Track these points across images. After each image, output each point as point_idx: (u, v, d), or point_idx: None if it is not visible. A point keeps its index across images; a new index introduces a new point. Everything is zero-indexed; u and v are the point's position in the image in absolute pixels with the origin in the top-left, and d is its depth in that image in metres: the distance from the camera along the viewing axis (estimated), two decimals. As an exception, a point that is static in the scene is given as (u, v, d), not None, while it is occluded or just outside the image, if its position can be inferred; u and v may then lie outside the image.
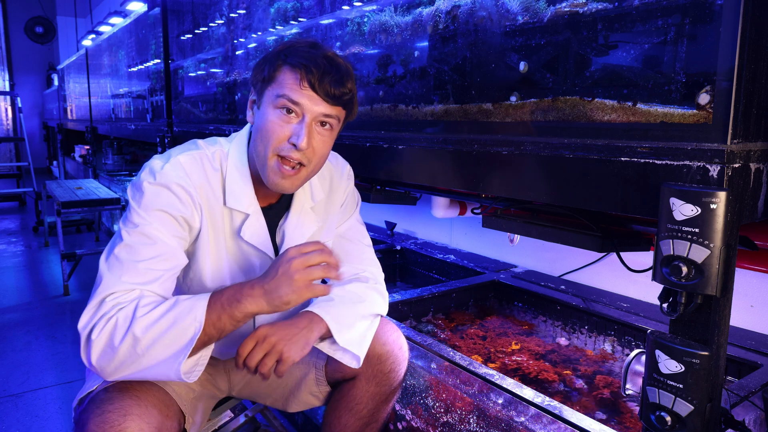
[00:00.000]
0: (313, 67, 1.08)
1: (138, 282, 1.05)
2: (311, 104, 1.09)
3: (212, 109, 2.85)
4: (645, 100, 0.93)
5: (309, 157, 1.12)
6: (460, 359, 1.45)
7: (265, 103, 1.12)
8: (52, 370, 2.63)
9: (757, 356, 1.45)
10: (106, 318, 1.01)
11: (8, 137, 8.55)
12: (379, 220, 3.16)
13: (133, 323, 1.00)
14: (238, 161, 1.19)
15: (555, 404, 1.21)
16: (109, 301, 1.03)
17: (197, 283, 1.20)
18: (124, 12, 5.74)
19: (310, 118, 1.10)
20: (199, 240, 1.16)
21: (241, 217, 1.19)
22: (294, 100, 1.08)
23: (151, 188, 1.09)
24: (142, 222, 1.08)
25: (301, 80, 1.08)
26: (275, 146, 1.10)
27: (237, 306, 1.04)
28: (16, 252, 5.04)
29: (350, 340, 1.19)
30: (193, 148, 1.18)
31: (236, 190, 1.17)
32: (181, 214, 1.11)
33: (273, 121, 1.10)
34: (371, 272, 1.38)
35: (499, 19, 1.20)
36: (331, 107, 1.11)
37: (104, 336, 1.00)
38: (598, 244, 1.35)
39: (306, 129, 1.09)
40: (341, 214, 1.38)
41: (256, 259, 1.23)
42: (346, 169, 1.39)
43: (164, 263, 1.08)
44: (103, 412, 1.00)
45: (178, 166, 1.12)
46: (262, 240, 1.21)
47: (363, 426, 1.31)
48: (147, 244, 1.07)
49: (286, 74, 1.10)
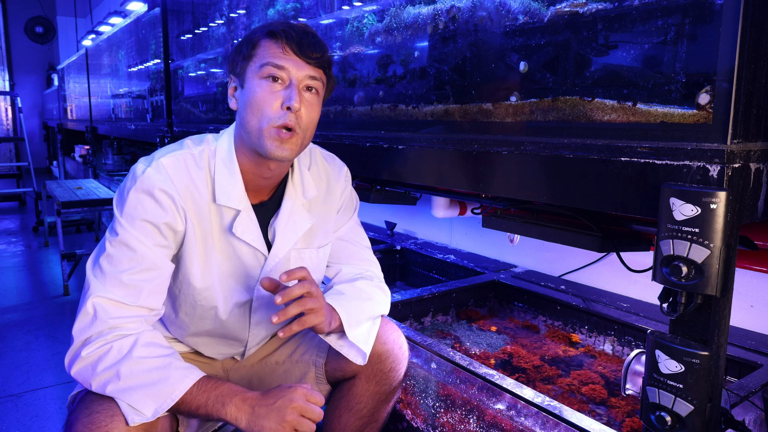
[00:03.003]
0: (292, 32, 1.10)
1: (122, 294, 1.07)
2: (296, 68, 1.10)
3: (212, 109, 2.85)
4: (645, 100, 0.94)
5: (301, 123, 1.12)
6: (460, 359, 1.45)
7: (249, 78, 1.12)
8: (52, 370, 2.63)
9: (757, 356, 1.45)
10: (102, 340, 1.04)
11: (8, 137, 8.55)
12: (379, 220, 3.16)
13: (123, 361, 1.03)
14: (227, 157, 1.18)
15: (555, 404, 1.21)
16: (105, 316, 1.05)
17: (187, 284, 1.19)
18: (124, 12, 5.73)
19: (297, 81, 1.10)
20: (185, 243, 1.16)
21: (231, 213, 1.18)
22: (279, 65, 1.09)
23: (132, 196, 1.10)
24: (124, 232, 1.09)
25: (283, 46, 1.10)
26: (269, 115, 1.10)
27: (220, 408, 1.05)
28: (16, 252, 5.04)
29: (359, 336, 1.21)
30: (178, 148, 1.17)
31: (226, 187, 1.16)
32: (164, 221, 1.11)
33: (261, 91, 1.10)
34: (373, 272, 1.39)
35: (499, 19, 1.20)
36: (315, 69, 1.12)
37: (92, 357, 1.04)
38: (598, 244, 1.35)
39: (296, 90, 1.10)
40: (340, 217, 1.37)
41: (247, 255, 1.21)
42: (344, 170, 1.37)
43: (146, 273, 1.09)
44: (91, 413, 1.01)
45: (161, 169, 1.11)
46: (254, 236, 1.20)
47: (363, 425, 1.31)
48: (129, 256, 1.08)
49: (267, 45, 1.11)
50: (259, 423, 1.03)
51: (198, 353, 1.35)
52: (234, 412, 1.04)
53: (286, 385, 1.07)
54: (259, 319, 1.29)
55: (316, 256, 1.31)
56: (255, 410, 1.04)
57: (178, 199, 1.11)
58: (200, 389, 1.05)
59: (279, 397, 1.04)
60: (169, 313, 1.27)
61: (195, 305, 1.22)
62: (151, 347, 1.06)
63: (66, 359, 1.07)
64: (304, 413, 1.04)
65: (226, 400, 1.05)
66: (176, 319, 1.26)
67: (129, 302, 1.07)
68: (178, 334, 1.31)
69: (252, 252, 1.21)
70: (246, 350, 1.36)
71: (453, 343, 1.85)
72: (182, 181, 1.13)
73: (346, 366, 1.29)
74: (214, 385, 1.06)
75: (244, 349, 1.35)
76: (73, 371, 1.05)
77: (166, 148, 1.18)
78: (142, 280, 1.08)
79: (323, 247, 1.33)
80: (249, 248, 1.21)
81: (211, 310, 1.22)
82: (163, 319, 1.30)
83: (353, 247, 1.40)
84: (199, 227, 1.16)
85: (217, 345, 1.33)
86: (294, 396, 1.04)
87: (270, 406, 1.03)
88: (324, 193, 1.32)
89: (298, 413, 1.03)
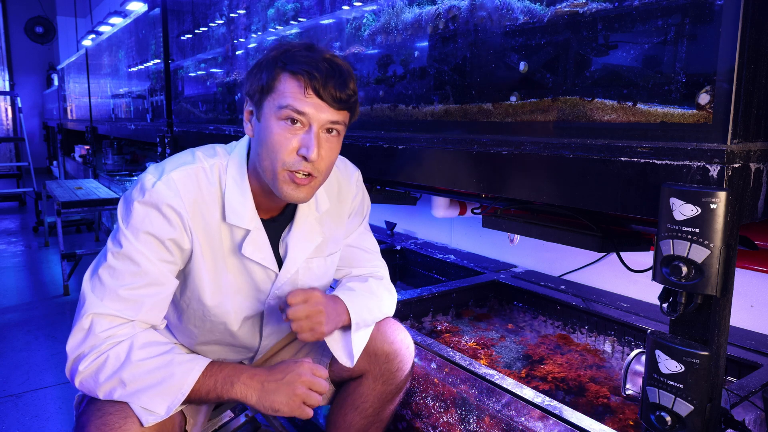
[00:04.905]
0: (316, 72, 1.01)
1: (120, 308, 1.04)
2: (317, 112, 1.03)
3: (212, 109, 2.85)
4: (645, 100, 0.93)
5: (318, 168, 1.06)
6: (460, 359, 1.45)
7: (267, 115, 1.06)
8: (52, 370, 2.63)
9: (757, 356, 1.45)
10: (96, 352, 1.02)
11: (8, 137, 8.55)
12: (379, 220, 3.16)
13: (123, 367, 1.01)
14: (237, 175, 1.13)
15: (555, 404, 1.21)
16: (99, 330, 1.02)
17: (196, 300, 1.17)
18: (124, 12, 5.73)
19: (317, 127, 1.04)
20: (192, 260, 1.12)
21: (241, 233, 1.15)
22: (299, 109, 1.02)
23: (139, 208, 1.05)
24: (128, 244, 1.05)
25: (305, 88, 1.02)
26: (284, 160, 1.04)
27: (229, 388, 1.05)
28: (16, 252, 5.04)
29: (357, 341, 1.21)
30: (190, 161, 1.12)
31: (236, 206, 1.12)
32: (170, 236, 1.07)
33: (278, 133, 1.04)
34: (382, 273, 1.40)
35: (499, 19, 1.20)
36: (337, 112, 1.05)
37: (91, 369, 1.02)
38: (598, 244, 1.35)
39: (315, 139, 1.03)
40: (350, 223, 1.35)
41: (259, 273, 1.19)
42: (355, 175, 1.34)
43: (148, 289, 1.06)
44: (103, 414, 1.00)
45: (171, 184, 1.06)
46: (264, 255, 1.17)
47: (368, 425, 1.31)
48: (132, 270, 1.05)
49: (288, 82, 1.03)
50: (269, 398, 1.04)
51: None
52: (243, 389, 1.05)
53: (292, 360, 1.10)
54: (270, 331, 1.29)
55: (324, 264, 1.30)
56: (264, 386, 1.05)
57: (186, 217, 1.07)
58: (206, 375, 1.05)
59: (287, 372, 1.06)
60: (176, 323, 1.25)
61: (204, 319, 1.20)
62: (149, 347, 1.04)
63: (66, 372, 1.06)
64: (312, 386, 1.06)
65: (233, 379, 1.05)
66: (185, 329, 1.25)
67: (127, 316, 1.04)
68: (186, 342, 1.29)
69: (263, 270, 1.19)
70: (255, 356, 1.36)
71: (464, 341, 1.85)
72: (192, 197, 1.08)
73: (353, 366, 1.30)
74: (219, 368, 1.07)
75: (253, 355, 1.35)
76: (77, 383, 1.04)
77: (177, 159, 1.13)
78: (143, 295, 1.06)
79: (333, 254, 1.32)
80: (260, 267, 1.19)
81: (221, 324, 1.21)
82: (170, 328, 1.28)
83: (363, 253, 1.40)
84: (207, 245, 1.12)
85: (227, 353, 1.32)
86: (301, 370, 1.06)
87: (279, 381, 1.05)
88: (335, 201, 1.29)
89: (306, 386, 1.05)
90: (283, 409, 1.04)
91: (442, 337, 1.90)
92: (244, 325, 1.24)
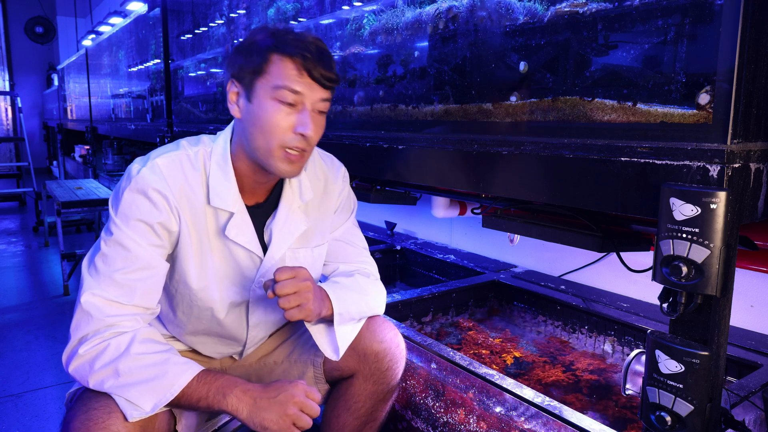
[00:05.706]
0: (308, 54, 1.07)
1: (117, 293, 1.08)
2: (311, 92, 1.09)
3: (212, 109, 2.85)
4: (645, 100, 0.93)
5: (311, 143, 1.13)
6: (460, 359, 1.45)
7: (260, 96, 1.10)
8: (52, 370, 2.63)
9: (757, 356, 1.45)
10: (99, 338, 1.06)
11: (8, 137, 8.56)
12: (379, 220, 3.16)
13: (120, 358, 1.04)
14: (221, 160, 1.17)
15: (555, 404, 1.21)
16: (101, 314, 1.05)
17: (183, 284, 1.20)
18: (124, 12, 5.73)
19: (310, 106, 1.10)
20: (180, 243, 1.16)
21: (225, 215, 1.18)
22: (295, 89, 1.07)
23: (127, 195, 1.10)
24: (118, 231, 1.09)
25: (299, 69, 1.07)
26: (281, 138, 1.09)
27: (221, 399, 1.06)
28: (16, 252, 5.04)
29: (343, 334, 1.21)
30: (174, 149, 1.17)
31: (220, 189, 1.16)
32: (158, 220, 1.11)
33: (274, 113, 1.08)
34: (370, 270, 1.40)
35: (499, 18, 1.20)
36: (326, 91, 1.12)
37: (90, 354, 1.05)
38: (598, 244, 1.35)
39: (310, 117, 1.09)
40: (336, 218, 1.37)
41: (243, 257, 1.22)
42: (341, 171, 1.37)
43: (140, 273, 1.10)
44: (88, 410, 1.02)
45: (156, 170, 1.11)
46: (248, 238, 1.20)
47: (361, 425, 1.31)
48: (123, 255, 1.09)
49: (283, 64, 1.08)
50: (260, 415, 1.05)
51: (196, 352, 1.36)
52: (235, 402, 1.06)
53: (287, 380, 1.10)
54: (257, 321, 1.30)
55: (311, 255, 1.31)
56: (257, 402, 1.06)
57: (172, 199, 1.12)
58: (200, 382, 1.06)
59: (281, 391, 1.07)
60: (167, 312, 1.27)
61: (192, 305, 1.22)
62: (149, 344, 1.07)
63: (63, 356, 1.08)
64: (304, 408, 1.06)
65: (226, 391, 1.06)
66: (174, 318, 1.27)
67: (123, 301, 1.08)
68: (176, 332, 1.31)
69: (247, 254, 1.22)
70: (244, 350, 1.36)
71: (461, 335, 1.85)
72: (177, 181, 1.13)
73: (343, 365, 1.29)
74: (214, 378, 1.08)
75: (242, 348, 1.36)
76: (70, 368, 1.06)
77: (162, 149, 1.18)
78: (135, 280, 1.09)
79: (319, 246, 1.33)
80: (244, 250, 1.21)
81: (207, 310, 1.23)
82: (161, 318, 1.30)
83: (350, 247, 1.40)
84: (194, 228, 1.16)
85: (215, 344, 1.33)
86: (295, 391, 1.07)
87: (272, 399, 1.06)
88: (321, 194, 1.32)
89: (298, 408, 1.06)
90: (272, 428, 1.04)
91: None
92: (230, 313, 1.25)
